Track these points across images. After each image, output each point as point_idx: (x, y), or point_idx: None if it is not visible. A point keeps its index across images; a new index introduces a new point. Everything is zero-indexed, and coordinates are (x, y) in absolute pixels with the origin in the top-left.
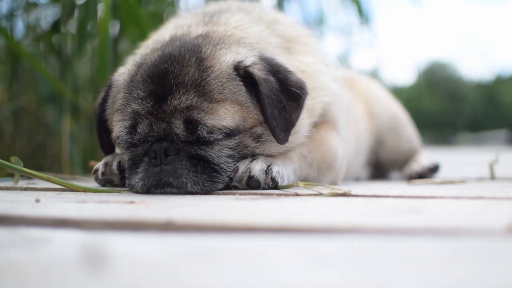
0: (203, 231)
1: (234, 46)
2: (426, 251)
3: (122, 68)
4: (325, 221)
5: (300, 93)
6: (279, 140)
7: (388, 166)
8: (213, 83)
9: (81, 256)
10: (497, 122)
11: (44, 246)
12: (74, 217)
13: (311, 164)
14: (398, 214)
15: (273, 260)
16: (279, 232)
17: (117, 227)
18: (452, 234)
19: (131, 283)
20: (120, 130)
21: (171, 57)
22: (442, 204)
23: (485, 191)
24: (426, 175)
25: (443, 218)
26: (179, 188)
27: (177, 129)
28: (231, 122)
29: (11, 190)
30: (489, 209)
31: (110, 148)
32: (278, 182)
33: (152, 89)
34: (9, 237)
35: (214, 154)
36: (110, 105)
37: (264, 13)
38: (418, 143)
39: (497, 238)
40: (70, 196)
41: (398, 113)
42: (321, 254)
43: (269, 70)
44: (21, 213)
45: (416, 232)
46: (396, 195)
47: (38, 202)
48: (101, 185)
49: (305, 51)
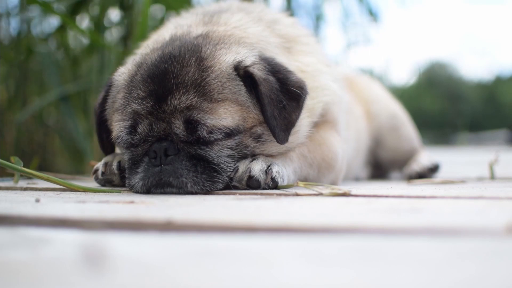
0: (203, 231)
1: (234, 46)
2: (426, 251)
3: (122, 68)
4: (325, 221)
5: (300, 93)
6: (279, 140)
7: (388, 166)
8: (213, 83)
9: (81, 256)
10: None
11: (44, 246)
12: (74, 217)
13: (311, 164)
14: (398, 214)
15: (273, 260)
16: (279, 232)
17: (117, 227)
18: (452, 234)
19: (131, 283)
20: (120, 130)
21: (171, 57)
22: (442, 204)
23: (485, 191)
24: (426, 175)
25: (443, 218)
26: (179, 188)
27: (177, 129)
28: (231, 122)
29: (11, 190)
30: (489, 209)
31: (110, 148)
32: (278, 182)
33: (152, 89)
34: (9, 237)
35: (214, 154)
36: (110, 105)
37: (264, 13)
38: (418, 143)
39: (497, 238)
40: (70, 196)
41: (398, 113)
42: (321, 254)
43: (269, 70)
44: (21, 213)
45: (416, 232)
46: (396, 195)
47: (38, 202)
48: (101, 185)
49: (305, 51)
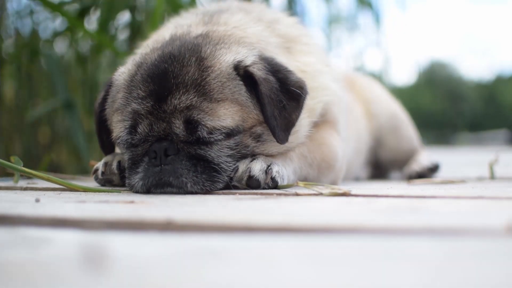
0: (203, 231)
1: (234, 45)
2: (426, 251)
3: (122, 68)
4: (325, 221)
5: (300, 93)
6: (279, 140)
7: (388, 166)
8: (213, 82)
9: (81, 256)
10: (497, 122)
11: (44, 246)
12: (74, 217)
13: (311, 164)
14: (398, 214)
15: (273, 260)
16: (279, 232)
17: (117, 227)
18: (452, 234)
19: (131, 283)
20: (121, 131)
21: (171, 56)
22: (442, 204)
23: (485, 191)
24: (426, 175)
25: (443, 218)
26: (179, 188)
27: (177, 129)
28: (231, 122)
29: (11, 190)
30: (489, 209)
31: (110, 148)
32: (278, 182)
33: (152, 89)
34: (9, 237)
35: (214, 154)
36: (110, 104)
37: (264, 13)
38: (418, 143)
39: (497, 238)
40: (70, 196)
41: (398, 113)
42: (321, 254)
43: (269, 69)
44: (21, 213)
45: (416, 232)
46: (396, 195)
47: (38, 202)
48: (101, 185)
49: (306, 51)
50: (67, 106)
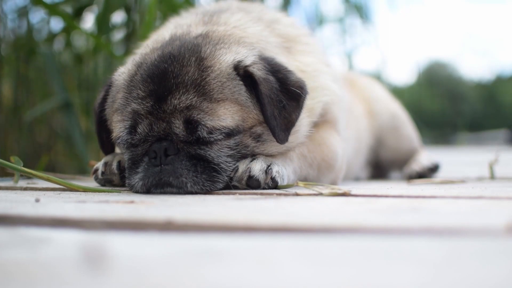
0: (203, 231)
1: (234, 45)
2: (426, 251)
3: (121, 68)
4: (325, 220)
5: (300, 93)
6: (279, 139)
7: (388, 166)
8: (213, 82)
9: (81, 256)
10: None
11: (44, 246)
12: (74, 217)
13: (311, 164)
14: (398, 214)
15: (273, 260)
16: (279, 232)
17: (117, 227)
18: (452, 234)
19: (131, 283)
20: (121, 131)
21: (171, 56)
22: (442, 204)
23: (485, 191)
24: (426, 175)
25: (443, 217)
26: (179, 188)
27: (177, 129)
28: (230, 122)
29: (11, 190)
30: (489, 209)
31: (110, 148)
32: (278, 182)
33: (152, 89)
34: (9, 237)
35: (213, 154)
36: (110, 104)
37: (263, 13)
38: (418, 142)
39: (497, 238)
40: (70, 196)
41: (398, 112)
42: (321, 253)
43: (269, 69)
44: (21, 213)
45: (416, 232)
46: (396, 195)
47: (38, 202)
48: (101, 185)
49: (305, 50)
50: (65, 106)
